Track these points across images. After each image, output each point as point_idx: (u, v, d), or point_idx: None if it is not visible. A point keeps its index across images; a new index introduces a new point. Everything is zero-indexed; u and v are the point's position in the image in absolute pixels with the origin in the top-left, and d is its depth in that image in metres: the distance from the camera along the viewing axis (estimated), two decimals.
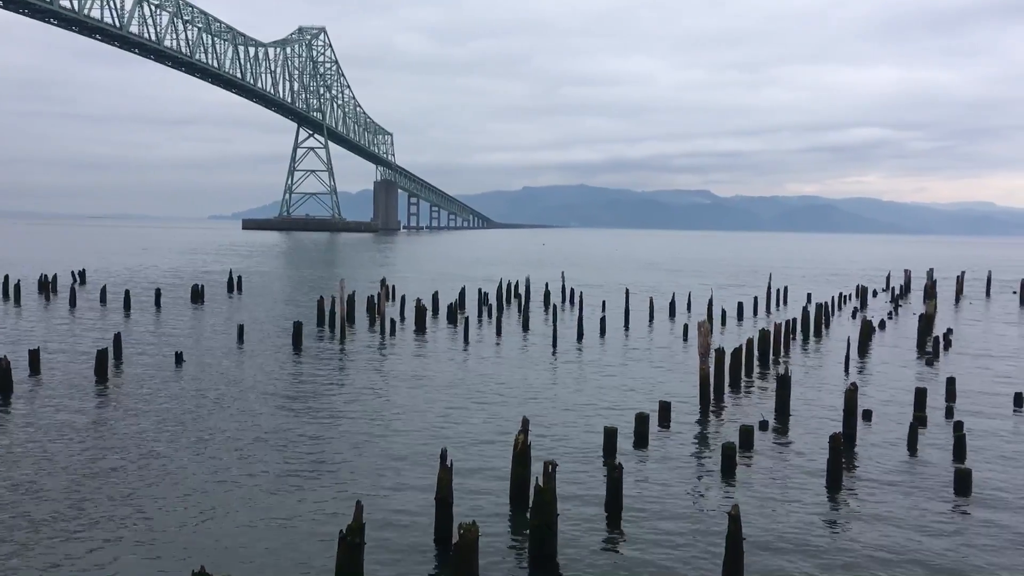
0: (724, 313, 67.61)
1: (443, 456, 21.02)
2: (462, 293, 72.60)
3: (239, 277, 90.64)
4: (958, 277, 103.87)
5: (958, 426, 31.02)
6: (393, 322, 57.76)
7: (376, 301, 63.00)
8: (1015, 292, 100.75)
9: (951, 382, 38.50)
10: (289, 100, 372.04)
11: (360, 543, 17.40)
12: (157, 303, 70.24)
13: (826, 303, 66.93)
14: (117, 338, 44.73)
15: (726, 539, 18.55)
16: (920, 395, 35.30)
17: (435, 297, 69.59)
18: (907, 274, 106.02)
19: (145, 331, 55.82)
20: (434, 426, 31.88)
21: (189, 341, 51.38)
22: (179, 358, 43.85)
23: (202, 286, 79.48)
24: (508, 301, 77.90)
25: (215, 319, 63.59)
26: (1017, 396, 37.35)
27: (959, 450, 28.50)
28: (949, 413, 34.96)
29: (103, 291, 73.88)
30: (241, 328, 53.14)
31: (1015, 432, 32.59)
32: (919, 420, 32.41)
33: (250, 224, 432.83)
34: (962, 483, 25.05)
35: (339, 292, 56.29)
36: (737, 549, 18.42)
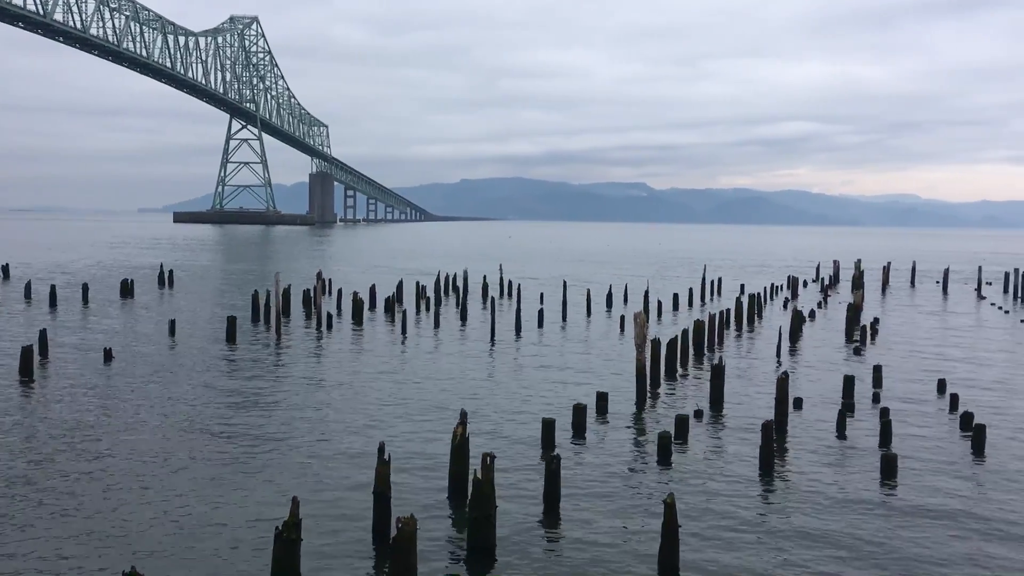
0: (660, 304, 68.46)
1: (381, 450, 20.92)
2: (399, 286, 72.21)
3: (170, 271, 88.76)
4: (884, 268, 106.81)
5: (884, 412, 31.98)
6: (330, 316, 57.20)
7: (312, 294, 62.30)
8: (938, 282, 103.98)
9: (878, 370, 39.61)
10: (221, 91, 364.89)
11: (296, 539, 17.23)
12: (84, 298, 68.36)
13: (759, 294, 68.25)
14: (43, 335, 43.44)
15: (662, 526, 18.83)
16: (848, 383, 36.28)
17: (372, 290, 69.10)
18: (836, 265, 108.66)
19: (72, 327, 54.31)
20: (372, 420, 31.68)
21: (118, 337, 50.16)
22: (108, 354, 42.79)
23: (131, 280, 77.61)
24: (446, 294, 77.75)
25: (145, 314, 62.18)
26: (940, 383, 38.60)
27: (885, 436, 29.34)
28: (876, 400, 35.97)
29: (27, 286, 71.65)
30: (173, 323, 52.06)
31: (939, 417, 33.68)
32: (847, 407, 33.29)
33: (182, 217, 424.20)
34: (888, 467, 25.82)
35: (274, 286, 55.51)
36: (673, 536, 18.72)
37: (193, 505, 22.43)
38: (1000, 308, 77.43)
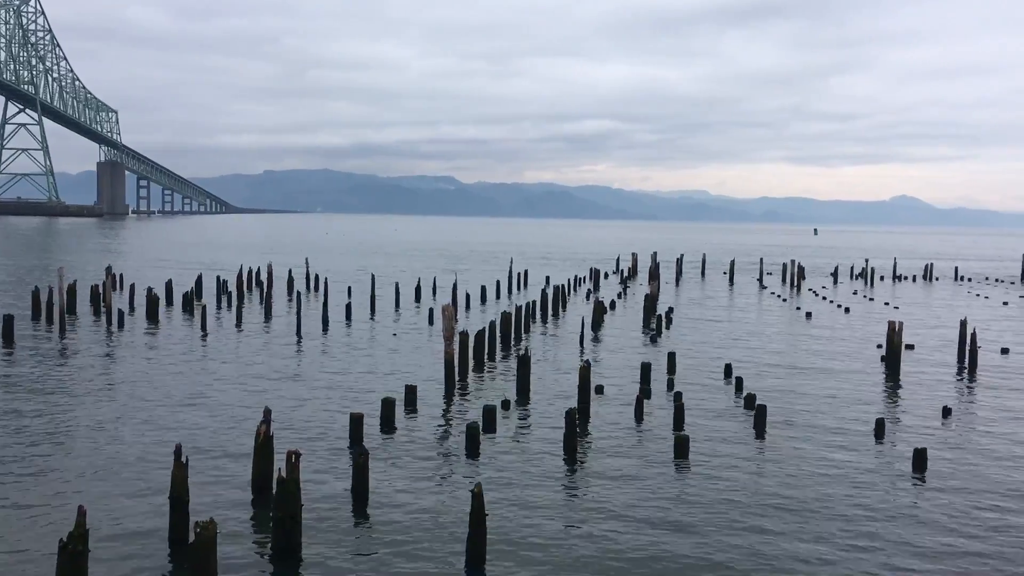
0: (468, 297, 69.19)
1: (177, 452, 19.94)
2: (199, 281, 69.02)
3: None
4: (678, 260, 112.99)
5: (678, 396, 33.86)
6: (121, 313, 53.87)
7: (101, 290, 58.44)
8: (725, 273, 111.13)
9: (672, 357, 41.86)
10: None
11: (83, 551, 16.12)
12: None
13: (563, 286, 70.40)
14: None
15: (470, 516, 19.06)
16: (645, 369, 38.12)
17: (168, 285, 65.72)
18: (634, 257, 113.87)
19: None
20: (168, 421, 30.15)
21: None
22: None
23: None
24: (249, 288, 75.12)
25: None
26: (727, 367, 41.30)
27: (678, 418, 31.08)
28: (670, 385, 38.00)
29: None
30: None
31: (726, 400, 36.04)
32: (644, 393, 34.96)
33: None
34: (681, 448, 27.38)
35: (58, 281, 51.66)
36: (480, 525, 18.99)
37: None
38: (779, 296, 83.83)
